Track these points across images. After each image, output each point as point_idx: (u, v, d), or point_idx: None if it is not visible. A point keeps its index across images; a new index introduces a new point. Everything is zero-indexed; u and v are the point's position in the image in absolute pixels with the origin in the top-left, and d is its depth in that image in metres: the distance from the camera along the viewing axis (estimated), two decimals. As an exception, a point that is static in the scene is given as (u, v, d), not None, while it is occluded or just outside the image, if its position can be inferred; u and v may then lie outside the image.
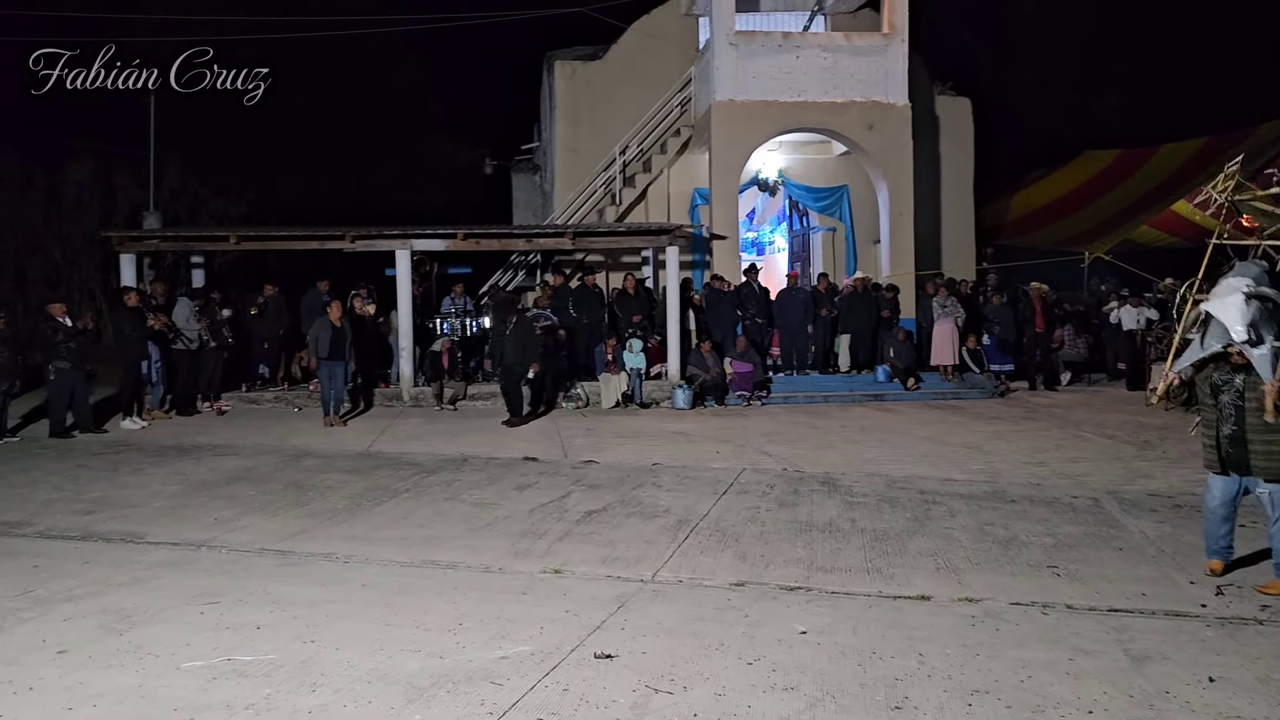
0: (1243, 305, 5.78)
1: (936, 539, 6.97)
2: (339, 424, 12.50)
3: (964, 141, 19.57)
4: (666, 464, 9.85)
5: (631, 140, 18.24)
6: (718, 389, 14.56)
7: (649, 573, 6.14)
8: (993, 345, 15.96)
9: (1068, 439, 11.28)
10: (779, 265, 20.40)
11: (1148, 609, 5.48)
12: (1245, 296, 5.79)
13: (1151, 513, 7.70)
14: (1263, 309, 5.82)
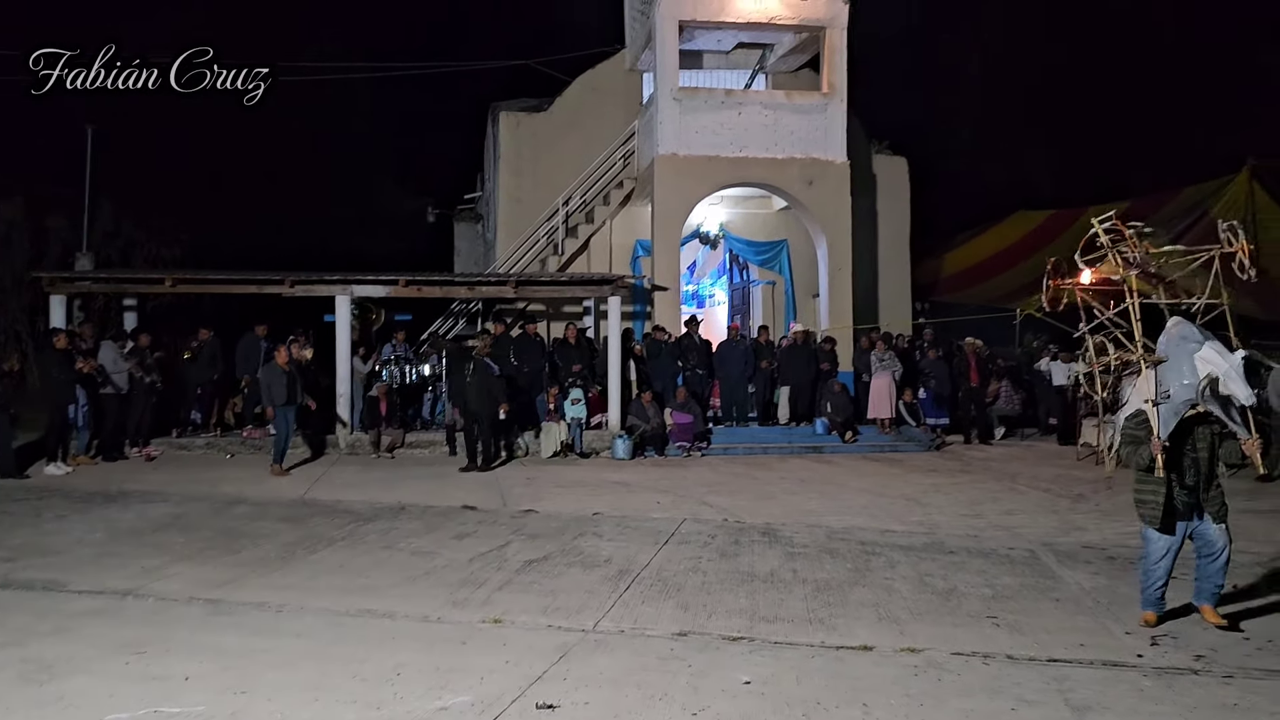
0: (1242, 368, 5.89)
1: (877, 589, 6.99)
2: (282, 473, 12.16)
3: (900, 199, 20.06)
4: (607, 514, 9.77)
5: (575, 191, 18.37)
6: (658, 439, 14.54)
7: (590, 622, 6.05)
8: (928, 399, 16.22)
9: (1003, 492, 11.46)
10: (719, 318, 20.57)
11: (1086, 659, 5.54)
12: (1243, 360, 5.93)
13: (1086, 564, 7.82)
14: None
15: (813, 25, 17.26)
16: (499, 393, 12.89)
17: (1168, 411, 6.04)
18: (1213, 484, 6.02)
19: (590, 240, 18.44)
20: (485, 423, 12.87)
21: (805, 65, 18.94)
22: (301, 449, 13.64)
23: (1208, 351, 5.88)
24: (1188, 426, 6.02)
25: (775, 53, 18.71)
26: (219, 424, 14.73)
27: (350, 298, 14.81)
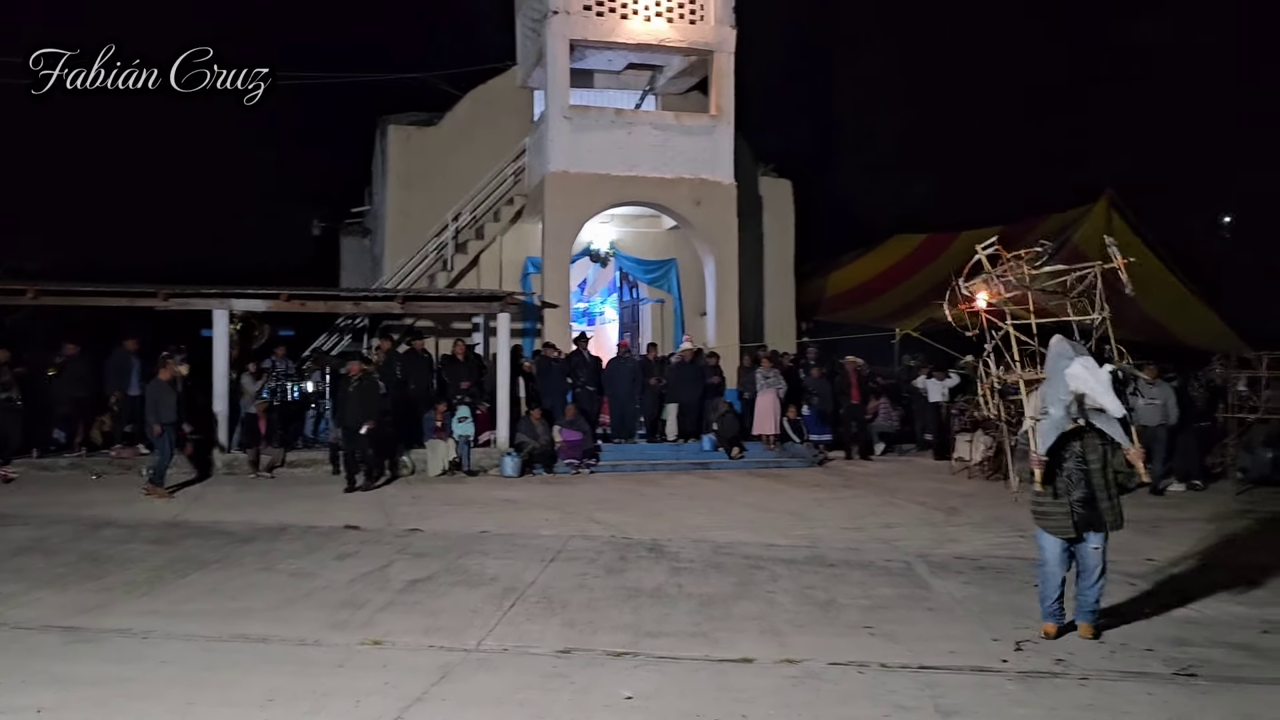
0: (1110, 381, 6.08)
1: (760, 603, 7.11)
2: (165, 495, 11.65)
3: (785, 221, 20.54)
4: (494, 532, 9.69)
5: (465, 207, 18.24)
6: (547, 457, 14.50)
7: (474, 641, 5.99)
8: (812, 416, 16.62)
9: (883, 505, 11.81)
10: (609, 335, 20.66)
11: (956, 665, 5.74)
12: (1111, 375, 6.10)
13: (958, 574, 8.11)
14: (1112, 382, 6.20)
15: (701, 49, 17.59)
16: (376, 409, 12.59)
17: (1048, 427, 6.22)
18: (1109, 496, 6.17)
19: (480, 256, 18.33)
20: (368, 440, 12.58)
21: (694, 88, 19.26)
22: (175, 470, 13.09)
23: (1075, 368, 6.08)
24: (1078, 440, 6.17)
25: (665, 74, 18.97)
26: (85, 443, 14.03)
27: (229, 312, 14.33)
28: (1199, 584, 7.79)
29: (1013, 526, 10.14)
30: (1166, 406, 12.74)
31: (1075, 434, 6.17)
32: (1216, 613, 6.96)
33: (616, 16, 17.15)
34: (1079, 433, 6.17)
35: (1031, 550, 8.96)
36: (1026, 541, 9.37)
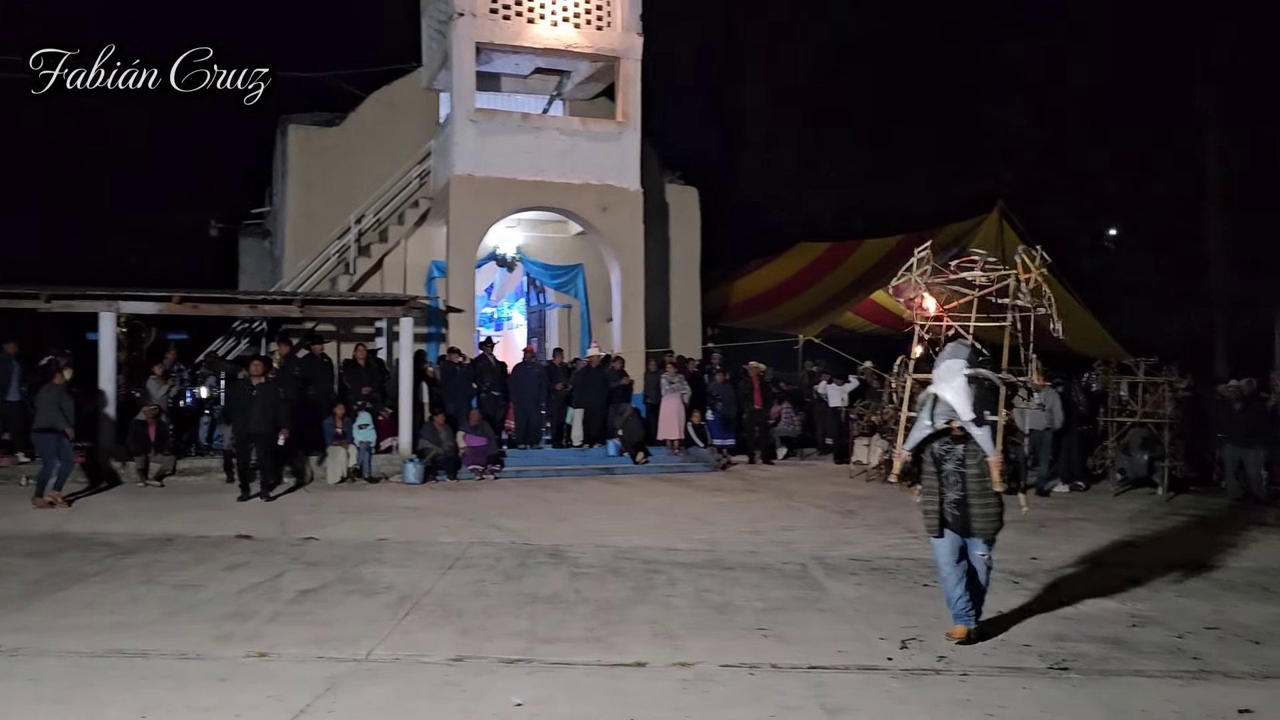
0: (965, 387, 6.25)
1: (657, 606, 7.16)
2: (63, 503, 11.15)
3: (691, 228, 20.71)
4: (393, 539, 9.54)
5: (368, 209, 17.94)
6: (450, 463, 14.34)
7: (364, 651, 5.89)
8: (716, 421, 16.81)
9: (782, 509, 12.00)
10: (517, 340, 20.56)
11: (844, 665, 5.87)
12: (967, 379, 6.27)
13: (851, 575, 8.29)
14: (980, 387, 6.32)
15: (608, 55, 17.65)
16: (281, 416, 12.29)
17: (920, 427, 6.43)
18: (984, 503, 6.20)
19: (384, 260, 18.05)
20: (266, 448, 12.25)
21: (602, 94, 19.32)
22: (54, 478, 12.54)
23: (939, 370, 6.35)
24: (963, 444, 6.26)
25: (572, 80, 18.99)
26: (-44, 451, 13.35)
27: (116, 314, 13.81)
28: (1077, 581, 8.13)
29: (906, 528, 10.43)
30: (1052, 411, 13.25)
31: (964, 438, 6.25)
32: (1091, 608, 7.26)
33: (523, 20, 17.10)
34: (967, 437, 6.24)
35: (923, 551, 9.28)
36: (919, 543, 9.65)
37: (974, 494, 6.23)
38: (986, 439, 6.23)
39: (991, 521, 6.28)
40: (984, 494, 6.22)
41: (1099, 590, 7.83)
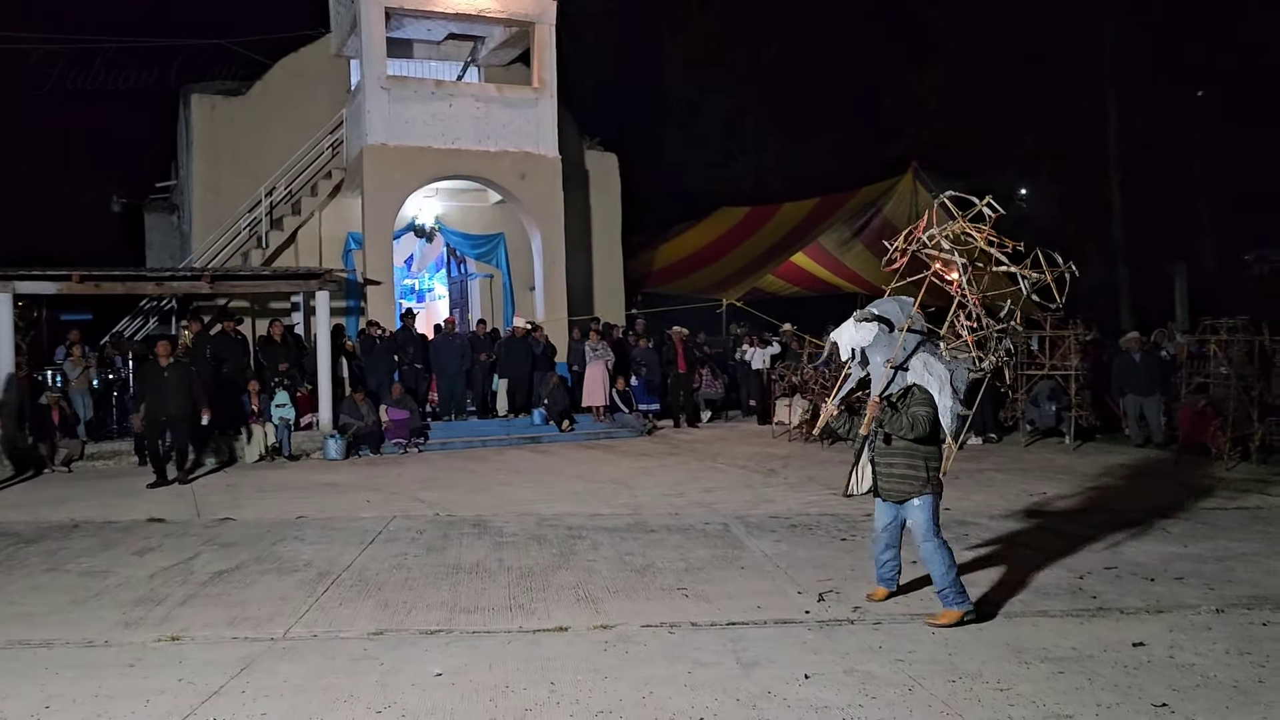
0: (853, 330, 6.18)
1: (579, 572, 7.20)
2: None
3: (612, 194, 20.66)
4: (313, 517, 9.41)
5: (279, 181, 17.50)
6: (373, 438, 14.16)
7: (281, 630, 5.82)
8: (640, 386, 16.87)
9: (705, 471, 12.13)
10: (440, 312, 20.33)
11: (760, 620, 5.98)
12: (856, 321, 6.20)
13: (771, 533, 8.43)
14: (881, 332, 6.08)
15: (521, 20, 17.40)
16: (199, 395, 11.93)
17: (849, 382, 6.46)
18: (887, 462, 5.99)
19: (298, 233, 17.67)
20: (184, 429, 11.91)
21: (517, 60, 19.06)
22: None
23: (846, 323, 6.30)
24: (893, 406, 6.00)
25: (486, 45, 18.70)
26: None
27: (11, 295, 13.28)
28: (986, 528, 8.39)
29: (824, 485, 10.65)
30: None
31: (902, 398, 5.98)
32: (999, 553, 7.51)
33: (433, -16, 16.75)
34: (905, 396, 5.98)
35: (840, 507, 9.50)
36: (837, 499, 9.90)
37: (878, 451, 6.04)
38: (876, 381, 6.10)
39: (892, 481, 5.98)
40: (885, 452, 5.99)
41: (1006, 536, 8.11)
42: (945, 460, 5.94)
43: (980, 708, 4.54)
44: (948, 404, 5.88)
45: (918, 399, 5.93)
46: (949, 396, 5.90)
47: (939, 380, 5.93)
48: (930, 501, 5.92)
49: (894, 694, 4.72)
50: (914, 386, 5.98)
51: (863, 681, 4.89)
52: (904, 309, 6.20)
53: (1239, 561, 7.23)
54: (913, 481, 5.91)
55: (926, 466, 5.90)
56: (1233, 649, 5.31)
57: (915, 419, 5.86)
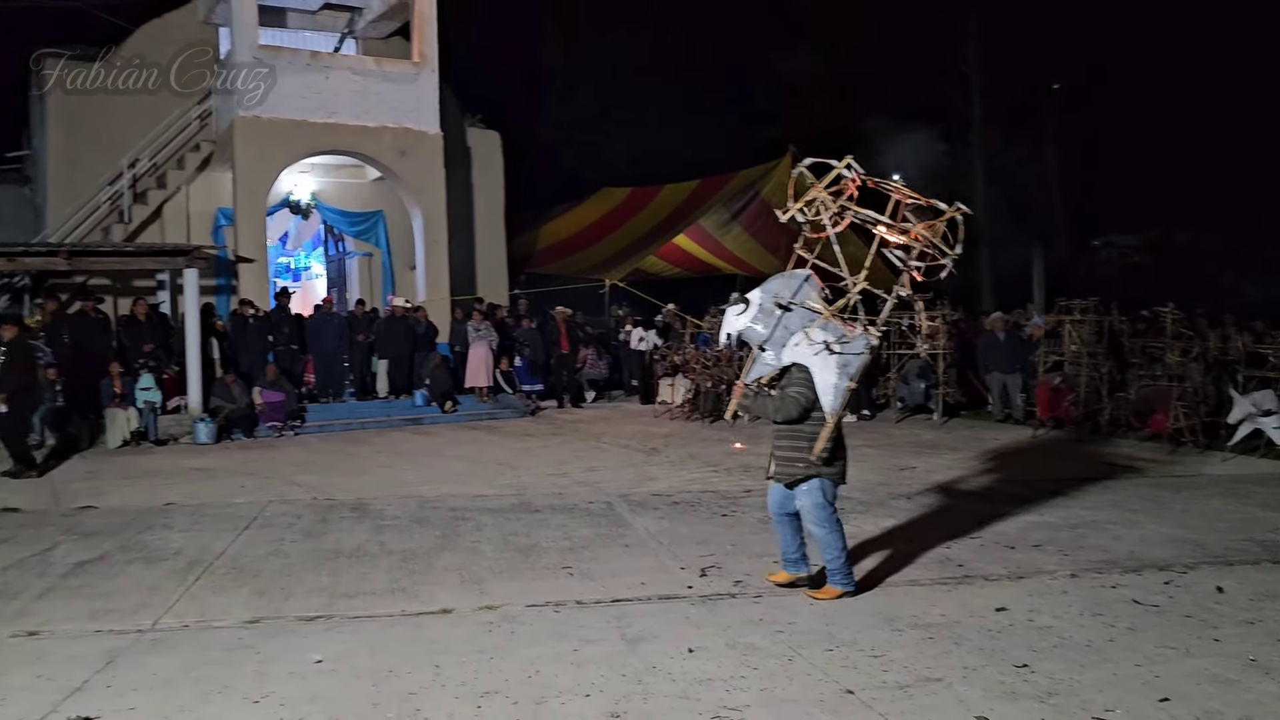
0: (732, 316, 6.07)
1: (463, 553, 7.15)
2: None
3: (495, 173, 20.40)
4: (182, 503, 9.07)
5: (143, 153, 16.63)
6: (246, 421, 13.71)
7: (149, 621, 5.60)
8: (524, 367, 16.79)
9: (589, 450, 12.18)
10: (317, 291, 19.78)
11: (645, 596, 6.06)
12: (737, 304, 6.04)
13: (654, 510, 8.54)
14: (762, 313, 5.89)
15: (401, -9, 16.99)
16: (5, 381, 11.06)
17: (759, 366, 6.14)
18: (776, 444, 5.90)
19: (163, 207, 16.88)
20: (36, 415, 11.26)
21: (397, 33, 18.59)
22: None
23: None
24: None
25: (365, 17, 18.17)
26: None
27: None
28: (861, 503, 8.70)
29: (705, 463, 10.85)
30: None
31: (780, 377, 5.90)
32: (873, 527, 7.82)
33: (307, -50, 16.19)
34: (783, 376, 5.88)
35: (721, 484, 9.70)
36: (718, 476, 10.11)
37: (775, 433, 5.95)
38: (759, 365, 6.03)
39: (783, 465, 5.89)
40: (777, 434, 5.91)
41: (879, 509, 8.44)
42: (820, 440, 5.69)
43: (856, 674, 4.72)
44: (831, 381, 5.63)
45: (794, 379, 5.78)
46: (834, 373, 5.63)
47: (822, 357, 5.66)
48: (817, 485, 5.79)
49: (774, 664, 4.87)
50: (793, 366, 5.83)
51: (744, 653, 5.02)
52: (791, 284, 5.95)
53: (1090, 529, 7.69)
54: (793, 464, 5.82)
55: (809, 448, 5.72)
56: (1086, 611, 5.66)
57: (785, 400, 5.74)
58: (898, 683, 4.61)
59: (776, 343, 5.93)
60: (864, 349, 5.71)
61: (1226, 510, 8.39)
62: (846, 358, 5.63)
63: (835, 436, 5.79)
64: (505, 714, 4.30)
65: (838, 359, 5.62)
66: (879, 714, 4.25)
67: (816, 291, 5.96)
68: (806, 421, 5.77)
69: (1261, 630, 5.31)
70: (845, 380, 5.63)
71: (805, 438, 5.75)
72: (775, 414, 5.81)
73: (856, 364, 5.68)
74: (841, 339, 5.67)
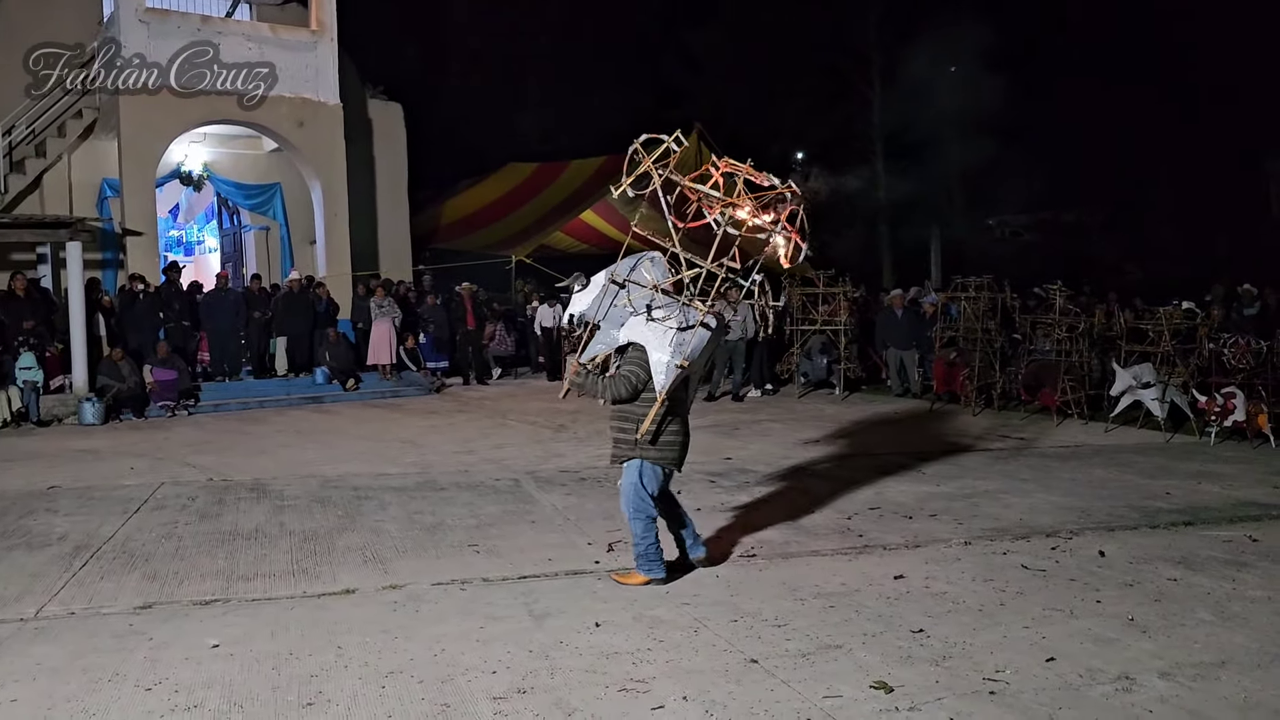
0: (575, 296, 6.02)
1: (366, 533, 7.03)
2: None
3: (397, 146, 19.97)
4: (67, 486, 8.70)
5: (19, 120, 15.76)
6: (136, 400, 13.20)
7: (32, 610, 5.36)
8: (429, 343, 16.56)
9: (495, 427, 12.09)
10: (211, 265, 19.12)
11: (552, 572, 6.06)
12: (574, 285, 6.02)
13: (561, 487, 8.54)
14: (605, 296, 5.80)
15: (296, -45, 16.44)
16: None
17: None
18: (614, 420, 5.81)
19: (43, 177, 16.05)
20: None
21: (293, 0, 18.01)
22: None
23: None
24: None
25: (258, -19, 17.56)
26: None
27: None
28: (767, 475, 8.85)
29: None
30: (746, 323, 14.12)
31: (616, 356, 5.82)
32: (777, 499, 7.95)
33: (197, -90, 15.52)
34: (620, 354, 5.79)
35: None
36: (625, 452, 10.11)
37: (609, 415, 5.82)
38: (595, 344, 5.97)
39: (613, 446, 5.84)
40: (610, 415, 5.84)
41: (783, 482, 8.59)
42: (647, 418, 5.51)
43: (760, 643, 4.81)
44: (664, 359, 5.43)
45: (628, 358, 5.63)
46: (667, 351, 5.44)
47: (657, 335, 5.49)
48: (637, 466, 5.65)
49: (680, 636, 4.92)
50: (629, 345, 5.65)
51: (651, 626, 5.06)
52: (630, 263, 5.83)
53: (983, 498, 7.98)
54: (621, 445, 5.73)
55: (637, 429, 5.55)
56: (978, 577, 5.88)
57: (615, 380, 5.60)
58: (800, 651, 4.71)
59: (614, 321, 5.79)
60: (698, 326, 5.50)
61: (1108, 479, 8.80)
62: (683, 336, 5.46)
63: (673, 420, 5.66)
64: (410, 693, 4.25)
65: (675, 337, 5.45)
66: (782, 681, 4.34)
67: (661, 270, 5.81)
68: (637, 401, 5.59)
69: (1139, 591, 5.59)
70: (677, 359, 5.43)
71: (634, 418, 5.60)
72: (604, 393, 5.64)
73: (693, 343, 5.49)
74: (672, 316, 5.51)
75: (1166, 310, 11.57)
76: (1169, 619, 5.12)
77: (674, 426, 5.70)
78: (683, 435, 5.79)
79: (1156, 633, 4.93)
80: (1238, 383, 10.66)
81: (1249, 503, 7.84)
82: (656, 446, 5.64)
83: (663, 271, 5.83)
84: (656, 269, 5.84)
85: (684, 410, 5.82)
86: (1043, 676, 4.38)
